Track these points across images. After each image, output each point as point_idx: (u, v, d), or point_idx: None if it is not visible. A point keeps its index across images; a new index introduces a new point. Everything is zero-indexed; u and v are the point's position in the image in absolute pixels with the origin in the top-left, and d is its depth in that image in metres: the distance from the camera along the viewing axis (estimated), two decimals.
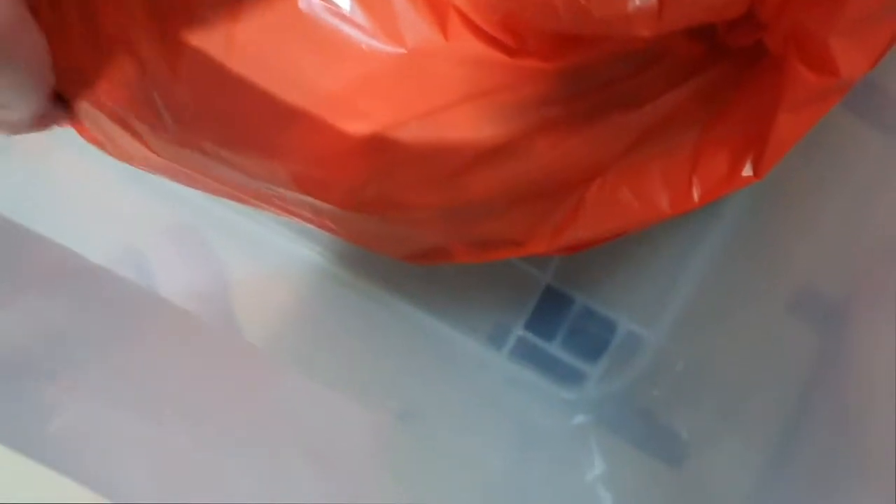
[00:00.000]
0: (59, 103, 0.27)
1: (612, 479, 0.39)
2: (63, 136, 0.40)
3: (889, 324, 0.31)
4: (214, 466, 0.24)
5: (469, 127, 0.31)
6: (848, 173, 0.36)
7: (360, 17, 0.29)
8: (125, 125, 0.30)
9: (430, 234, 0.35)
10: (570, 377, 0.42)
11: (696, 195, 0.33)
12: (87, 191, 0.38)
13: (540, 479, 0.38)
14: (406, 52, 0.29)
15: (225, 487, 0.24)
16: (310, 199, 0.32)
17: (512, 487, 0.37)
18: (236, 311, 0.37)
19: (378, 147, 0.30)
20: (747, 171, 0.31)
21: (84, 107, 0.30)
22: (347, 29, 0.29)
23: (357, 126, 0.30)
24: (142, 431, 0.22)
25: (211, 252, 0.39)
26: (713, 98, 0.33)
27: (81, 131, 0.33)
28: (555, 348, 0.42)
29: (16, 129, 0.25)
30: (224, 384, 0.27)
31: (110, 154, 0.33)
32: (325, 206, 0.32)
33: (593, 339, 0.42)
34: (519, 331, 0.42)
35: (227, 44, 0.29)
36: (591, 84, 0.32)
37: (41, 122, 0.26)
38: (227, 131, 0.30)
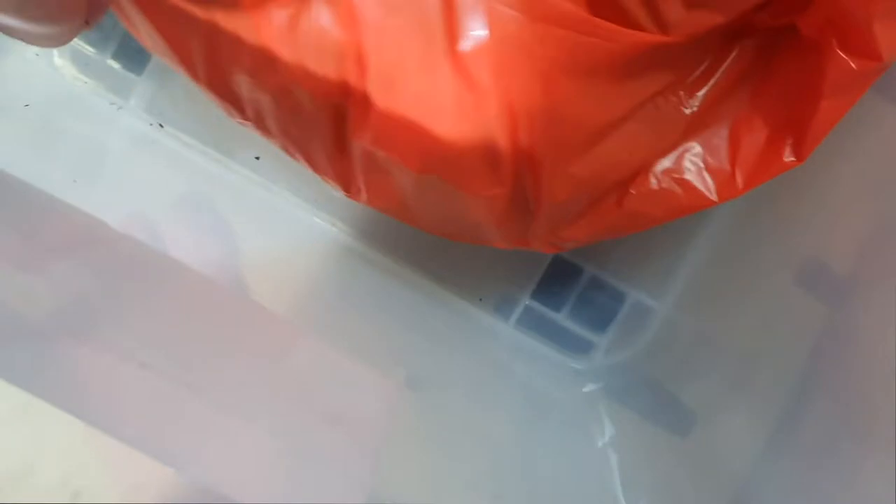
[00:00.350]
0: None
1: (620, 447, 0.39)
2: (78, 109, 0.40)
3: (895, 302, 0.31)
4: (235, 427, 0.24)
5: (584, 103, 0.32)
6: (861, 147, 0.36)
7: None
8: None
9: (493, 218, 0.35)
10: (577, 347, 0.42)
11: (739, 182, 0.33)
12: (103, 160, 0.38)
13: (547, 447, 0.38)
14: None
15: (245, 447, 0.24)
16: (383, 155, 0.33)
17: (520, 454, 0.37)
18: (248, 280, 0.37)
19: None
20: (788, 155, 0.32)
21: None
22: None
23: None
24: (166, 393, 0.22)
25: (223, 221, 0.39)
26: (750, 84, 0.33)
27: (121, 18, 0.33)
28: (562, 318, 0.42)
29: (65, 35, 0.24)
30: (242, 347, 0.27)
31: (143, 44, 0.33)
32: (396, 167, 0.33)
33: (601, 309, 0.42)
34: (526, 300, 0.42)
35: None
36: (677, 64, 0.32)
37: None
38: None
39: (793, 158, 0.32)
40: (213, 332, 0.26)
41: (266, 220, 0.40)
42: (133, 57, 0.40)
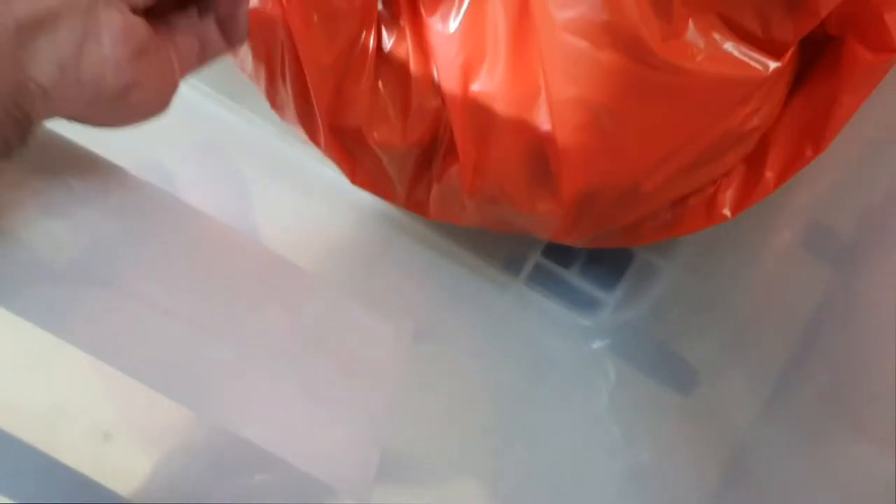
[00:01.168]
0: None
1: (623, 403, 0.40)
2: None
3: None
4: (254, 372, 0.25)
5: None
6: (868, 114, 0.36)
7: None
8: None
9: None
10: (586, 304, 0.43)
11: (770, 183, 0.34)
12: None
13: (553, 401, 0.39)
14: None
15: (263, 392, 0.25)
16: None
17: (525, 407, 0.38)
18: (262, 228, 0.38)
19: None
20: (809, 150, 0.33)
21: None
22: None
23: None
24: (188, 338, 0.23)
25: (237, 169, 0.39)
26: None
27: None
28: (571, 275, 0.43)
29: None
30: (260, 294, 0.27)
31: None
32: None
33: (610, 267, 0.42)
34: (536, 257, 0.42)
35: None
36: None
37: None
38: None
39: (812, 153, 0.33)
40: (231, 279, 0.26)
41: (279, 170, 0.40)
42: None
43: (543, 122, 0.31)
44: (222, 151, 0.40)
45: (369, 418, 0.26)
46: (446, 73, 0.32)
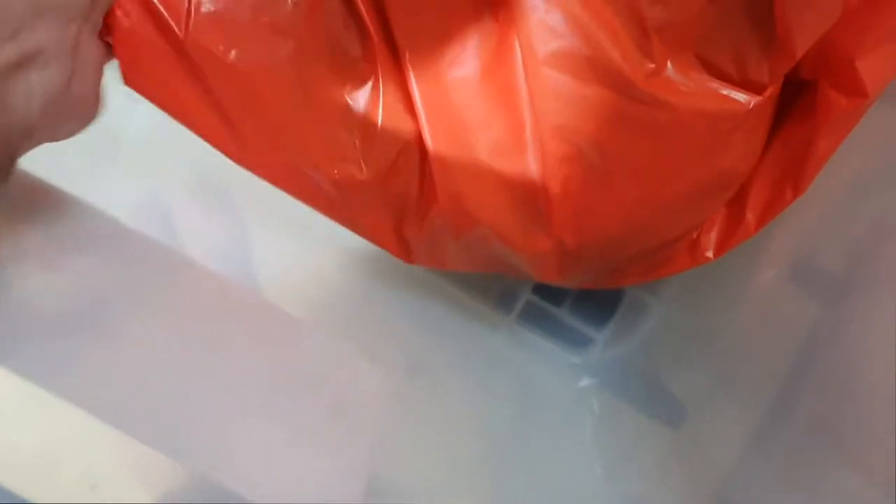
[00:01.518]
0: None
1: (614, 438, 0.40)
2: None
3: (885, 298, 0.32)
4: (243, 422, 0.25)
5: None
6: (853, 149, 0.36)
7: None
8: None
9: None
10: (577, 342, 0.43)
11: (751, 223, 0.35)
12: (117, 149, 0.39)
13: (544, 437, 0.39)
14: None
15: (252, 441, 0.25)
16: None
17: (516, 443, 0.38)
18: (256, 269, 0.38)
19: None
20: (789, 193, 0.34)
21: None
22: None
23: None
24: (176, 389, 0.24)
25: (233, 208, 0.40)
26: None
27: None
28: (563, 313, 0.43)
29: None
30: (250, 342, 0.28)
31: None
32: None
33: (601, 304, 0.43)
34: (527, 295, 0.43)
35: None
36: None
37: None
38: None
39: (791, 196, 0.34)
40: (221, 329, 0.27)
41: (274, 210, 0.41)
42: None
43: (530, 156, 0.32)
44: (218, 189, 0.40)
45: (356, 460, 0.27)
46: (431, 116, 0.32)
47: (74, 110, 0.23)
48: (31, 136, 0.22)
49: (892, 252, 0.34)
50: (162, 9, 0.28)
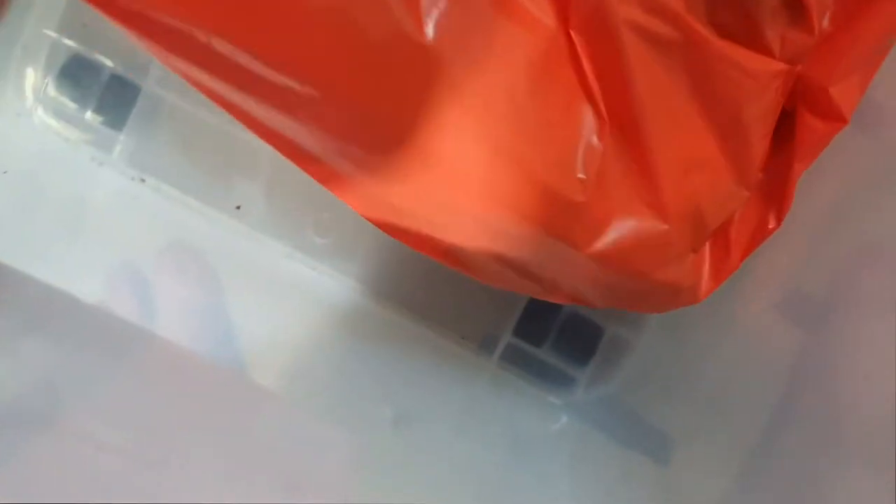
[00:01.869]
0: None
1: (600, 476, 0.40)
2: (59, 168, 0.41)
3: (871, 325, 0.32)
4: None
5: None
6: (830, 174, 0.37)
7: None
8: None
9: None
10: (559, 381, 0.43)
11: (735, 257, 0.34)
12: (82, 219, 0.39)
13: (531, 482, 0.39)
14: None
15: None
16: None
17: (504, 488, 0.38)
18: (233, 335, 0.38)
19: None
20: (771, 222, 0.34)
21: None
22: None
23: None
24: (129, 477, 0.23)
25: (209, 273, 0.39)
26: None
27: None
28: (544, 353, 0.43)
29: None
30: (208, 419, 0.27)
31: None
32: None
33: (581, 343, 0.43)
34: (508, 337, 0.43)
35: None
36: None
37: None
38: None
39: (773, 224, 0.34)
40: (180, 406, 0.26)
41: (254, 273, 0.41)
42: (114, 111, 0.41)
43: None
44: (189, 255, 0.40)
45: None
46: None
47: None
48: None
49: (875, 274, 0.34)
50: None
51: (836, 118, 0.31)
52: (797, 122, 0.32)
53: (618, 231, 0.31)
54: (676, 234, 0.32)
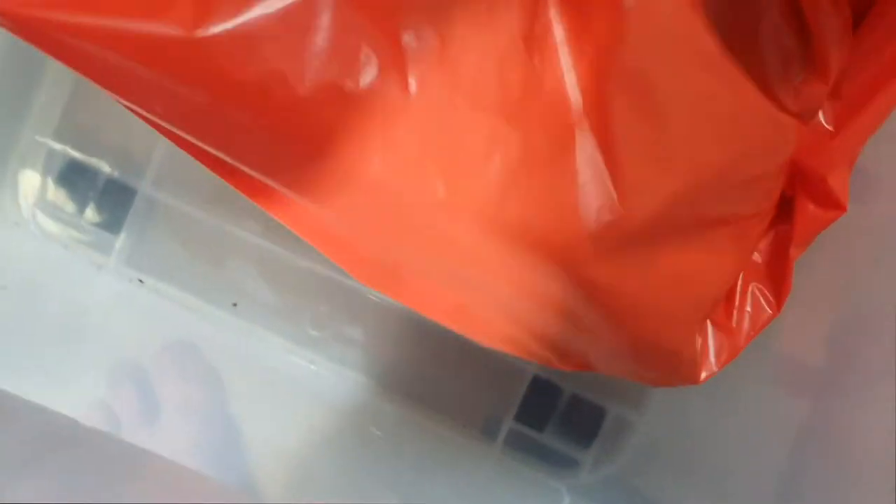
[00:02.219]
0: None
1: None
2: (58, 275, 0.41)
3: (871, 394, 0.32)
4: None
5: None
6: (827, 247, 0.37)
7: None
8: None
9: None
10: (563, 464, 0.43)
11: (736, 343, 0.35)
12: (81, 321, 0.39)
13: None
14: None
15: None
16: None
17: None
18: (234, 439, 0.38)
19: None
20: (769, 308, 0.34)
21: None
22: None
23: None
24: None
25: (212, 374, 0.40)
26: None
27: None
28: (546, 437, 0.43)
29: None
30: None
31: None
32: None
33: (583, 426, 0.43)
34: (510, 423, 0.43)
35: None
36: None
37: None
38: None
39: (770, 312, 0.34)
40: None
41: (248, 366, 0.41)
42: (111, 214, 0.42)
43: None
44: (189, 354, 0.40)
45: None
46: None
47: None
48: None
49: (873, 342, 0.34)
50: None
51: (834, 206, 0.32)
52: (796, 208, 0.32)
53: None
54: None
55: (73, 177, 0.42)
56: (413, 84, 0.27)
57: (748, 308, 0.34)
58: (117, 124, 0.42)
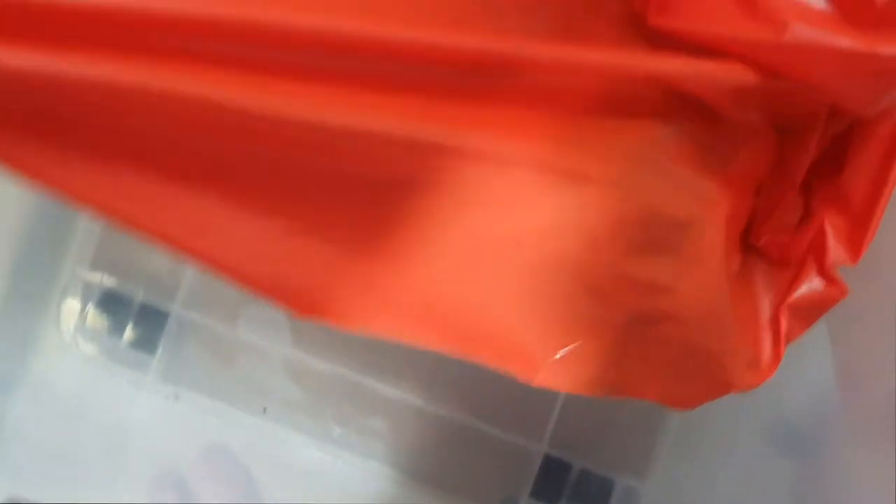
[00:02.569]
0: None
1: None
2: (94, 388, 0.45)
3: (861, 454, 0.33)
4: None
5: None
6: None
7: None
8: None
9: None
10: None
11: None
12: (122, 438, 0.42)
13: None
14: None
15: None
16: None
17: None
18: None
19: None
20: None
21: None
22: None
23: None
24: None
25: (242, 472, 0.43)
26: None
27: None
28: None
29: None
30: None
31: None
32: None
33: (594, 499, 0.45)
34: (527, 499, 0.45)
35: None
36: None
37: None
38: None
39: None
40: None
41: (278, 466, 0.44)
42: (146, 336, 0.46)
43: None
44: (227, 453, 0.43)
45: None
46: None
47: None
48: None
49: (860, 399, 0.35)
50: None
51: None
52: (803, 279, 0.31)
53: None
54: None
55: (110, 303, 0.46)
56: None
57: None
58: (147, 253, 0.46)
